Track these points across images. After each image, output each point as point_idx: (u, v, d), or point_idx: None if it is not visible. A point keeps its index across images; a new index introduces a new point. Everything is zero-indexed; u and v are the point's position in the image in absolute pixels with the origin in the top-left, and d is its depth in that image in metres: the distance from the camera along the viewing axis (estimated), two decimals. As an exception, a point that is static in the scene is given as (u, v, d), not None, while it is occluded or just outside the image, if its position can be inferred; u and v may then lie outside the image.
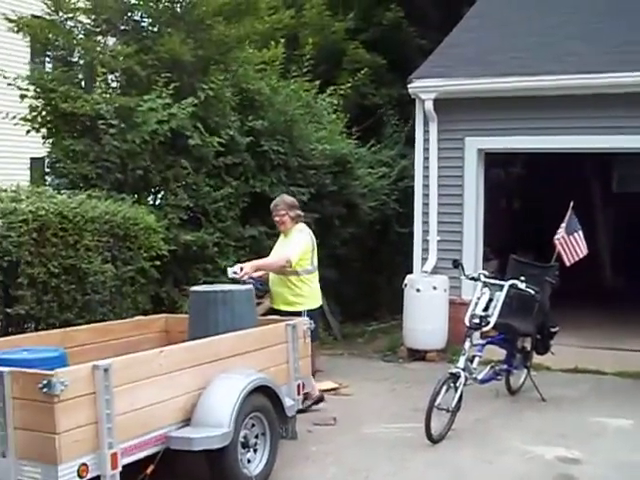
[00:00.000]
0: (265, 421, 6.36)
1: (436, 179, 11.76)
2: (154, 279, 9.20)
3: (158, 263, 9.02)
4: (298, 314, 7.94)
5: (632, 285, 15.53)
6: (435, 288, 11.21)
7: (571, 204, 9.85)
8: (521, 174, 18.35)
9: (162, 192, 10.33)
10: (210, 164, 10.50)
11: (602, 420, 8.32)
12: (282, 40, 12.57)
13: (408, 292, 11.33)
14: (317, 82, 13.24)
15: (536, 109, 11.14)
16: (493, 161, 13.22)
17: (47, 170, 10.47)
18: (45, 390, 4.79)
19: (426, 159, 11.85)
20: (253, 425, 6.27)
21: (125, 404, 5.29)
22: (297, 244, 8.15)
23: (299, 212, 8.42)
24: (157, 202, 10.40)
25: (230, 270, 7.53)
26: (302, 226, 8.41)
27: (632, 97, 10.60)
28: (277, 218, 8.33)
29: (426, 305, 11.16)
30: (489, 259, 13.06)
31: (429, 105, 11.52)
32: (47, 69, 11.15)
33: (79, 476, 4.92)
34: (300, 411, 7.32)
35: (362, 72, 14.72)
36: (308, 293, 8.30)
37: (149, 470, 5.50)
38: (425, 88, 11.55)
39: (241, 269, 7.61)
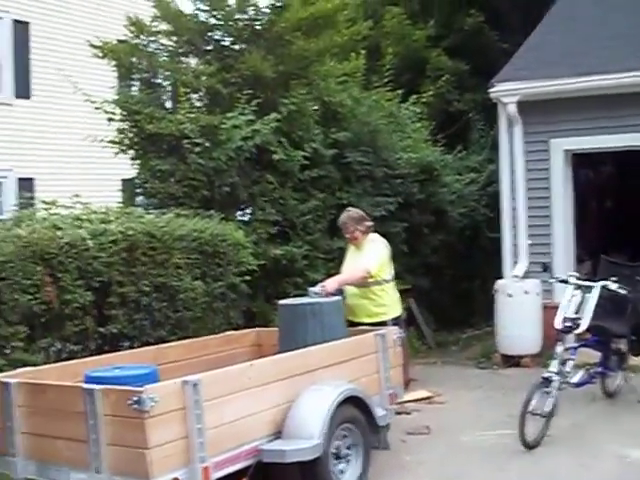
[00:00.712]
0: (357, 431, 6.34)
1: (523, 182, 11.60)
2: (245, 294, 9.28)
3: (248, 278, 9.10)
4: (383, 324, 7.79)
5: None
6: (527, 292, 11.04)
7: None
8: (611, 173, 17.95)
9: (250, 207, 10.43)
10: (296, 178, 10.59)
11: None
12: (363, 51, 12.58)
13: (499, 297, 11.20)
14: (399, 91, 13.23)
15: (621, 106, 10.91)
16: (582, 161, 12.99)
17: (137, 190, 10.71)
18: (135, 406, 4.87)
19: (512, 163, 11.70)
20: (345, 436, 6.26)
21: (215, 418, 5.34)
22: (373, 254, 7.94)
23: (368, 223, 8.16)
24: (245, 218, 10.50)
25: (311, 290, 7.47)
26: (375, 236, 8.18)
27: None
28: (348, 235, 8.10)
29: (518, 310, 11.00)
30: (583, 261, 12.83)
31: (512, 108, 11.38)
32: (133, 92, 11.40)
33: (171, 490, 5.01)
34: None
35: (443, 79, 14.66)
36: (390, 302, 8.12)
37: (242, 483, 5.56)
38: (507, 92, 11.42)
39: (323, 287, 7.47)
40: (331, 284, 7.52)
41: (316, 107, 11.08)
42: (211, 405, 5.31)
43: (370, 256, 7.92)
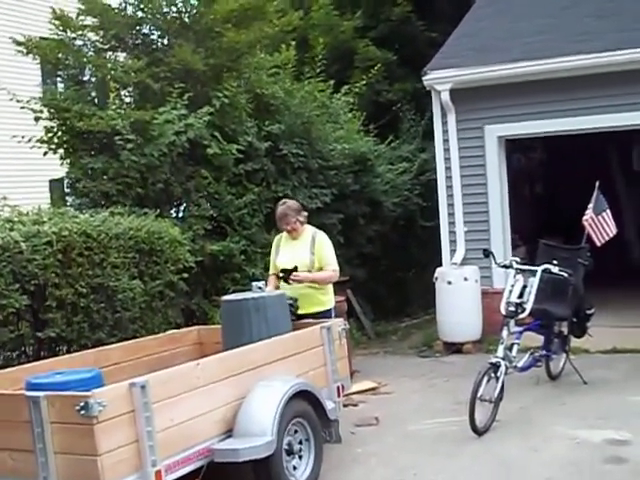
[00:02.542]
0: (308, 426, 6.28)
1: (458, 170, 11.64)
2: (183, 292, 9.12)
3: (186, 275, 8.93)
4: (329, 312, 7.85)
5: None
6: (466, 279, 11.09)
7: (597, 184, 9.71)
8: (542, 159, 18.22)
9: (184, 204, 10.27)
10: (230, 172, 10.44)
11: (646, 399, 8.20)
12: (293, 43, 12.51)
13: (439, 285, 11.22)
14: (331, 82, 13.17)
15: (553, 92, 11.01)
16: (513, 147, 13.10)
17: (67, 190, 10.45)
18: (83, 412, 4.70)
19: (446, 150, 11.72)
20: (296, 431, 6.19)
21: (165, 420, 5.20)
22: (331, 253, 7.95)
23: (305, 213, 8.13)
24: (180, 214, 10.34)
25: (255, 284, 7.37)
26: (311, 228, 8.13)
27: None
28: (288, 227, 7.95)
29: (458, 297, 11.05)
30: (517, 246, 12.93)
31: (445, 96, 11.40)
32: (59, 89, 11.09)
33: (124, 497, 4.85)
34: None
35: (375, 68, 14.64)
36: (331, 289, 8.15)
37: (195, 485, 5.43)
38: (440, 79, 11.42)
39: (297, 275, 7.60)
40: (303, 278, 7.64)
41: (248, 100, 10.92)
42: (160, 407, 5.16)
43: (330, 258, 7.92)
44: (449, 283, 11.10)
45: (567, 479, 6.28)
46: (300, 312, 7.71)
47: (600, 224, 9.66)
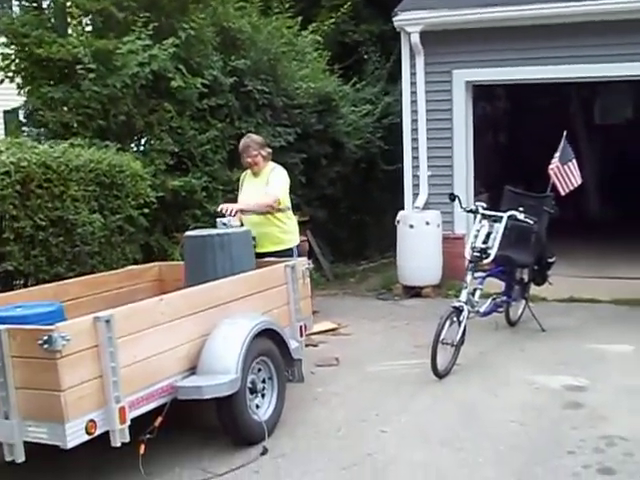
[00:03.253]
0: (271, 365, 6.22)
1: (424, 113, 11.53)
2: (143, 228, 8.95)
3: (146, 211, 8.77)
4: (289, 251, 7.79)
5: (617, 215, 15.74)
6: (428, 223, 11.05)
7: (564, 133, 9.68)
8: (506, 108, 18.22)
9: (146, 137, 10.04)
10: (194, 106, 10.21)
11: (602, 347, 8.31)
12: (260, -25, 12.25)
13: (401, 228, 11.17)
14: (298, 19, 12.94)
15: (524, 39, 10.92)
16: (480, 95, 13.02)
17: (23, 120, 10.16)
18: (46, 346, 4.58)
19: (413, 93, 11.60)
20: (260, 370, 6.13)
21: (129, 356, 5.10)
22: (280, 181, 7.87)
23: (269, 150, 8.08)
24: (141, 148, 10.11)
25: (220, 221, 7.21)
26: (274, 164, 8.07)
27: (616, 24, 10.43)
28: (249, 160, 7.91)
29: (420, 241, 11.02)
30: (479, 192, 12.92)
31: (415, 38, 11.23)
32: (15, 14, 10.69)
33: (87, 433, 4.76)
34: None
35: (345, 7, 14.39)
36: (294, 228, 8.10)
37: (158, 422, 5.34)
38: (411, 21, 11.25)
39: (231, 213, 7.36)
40: (234, 208, 7.45)
41: (214, 33, 10.66)
42: (124, 342, 5.06)
43: (278, 183, 7.84)
44: (411, 227, 11.05)
45: (528, 423, 6.31)
46: (259, 251, 7.62)
47: (565, 173, 9.65)
